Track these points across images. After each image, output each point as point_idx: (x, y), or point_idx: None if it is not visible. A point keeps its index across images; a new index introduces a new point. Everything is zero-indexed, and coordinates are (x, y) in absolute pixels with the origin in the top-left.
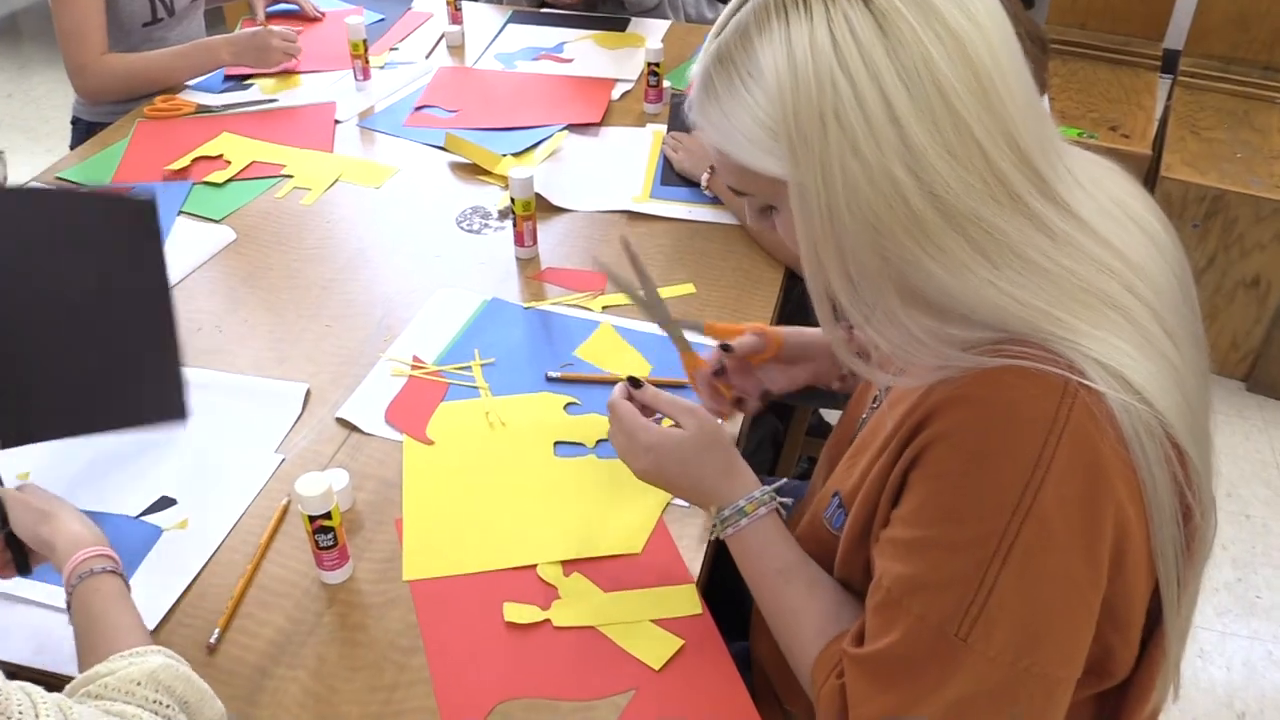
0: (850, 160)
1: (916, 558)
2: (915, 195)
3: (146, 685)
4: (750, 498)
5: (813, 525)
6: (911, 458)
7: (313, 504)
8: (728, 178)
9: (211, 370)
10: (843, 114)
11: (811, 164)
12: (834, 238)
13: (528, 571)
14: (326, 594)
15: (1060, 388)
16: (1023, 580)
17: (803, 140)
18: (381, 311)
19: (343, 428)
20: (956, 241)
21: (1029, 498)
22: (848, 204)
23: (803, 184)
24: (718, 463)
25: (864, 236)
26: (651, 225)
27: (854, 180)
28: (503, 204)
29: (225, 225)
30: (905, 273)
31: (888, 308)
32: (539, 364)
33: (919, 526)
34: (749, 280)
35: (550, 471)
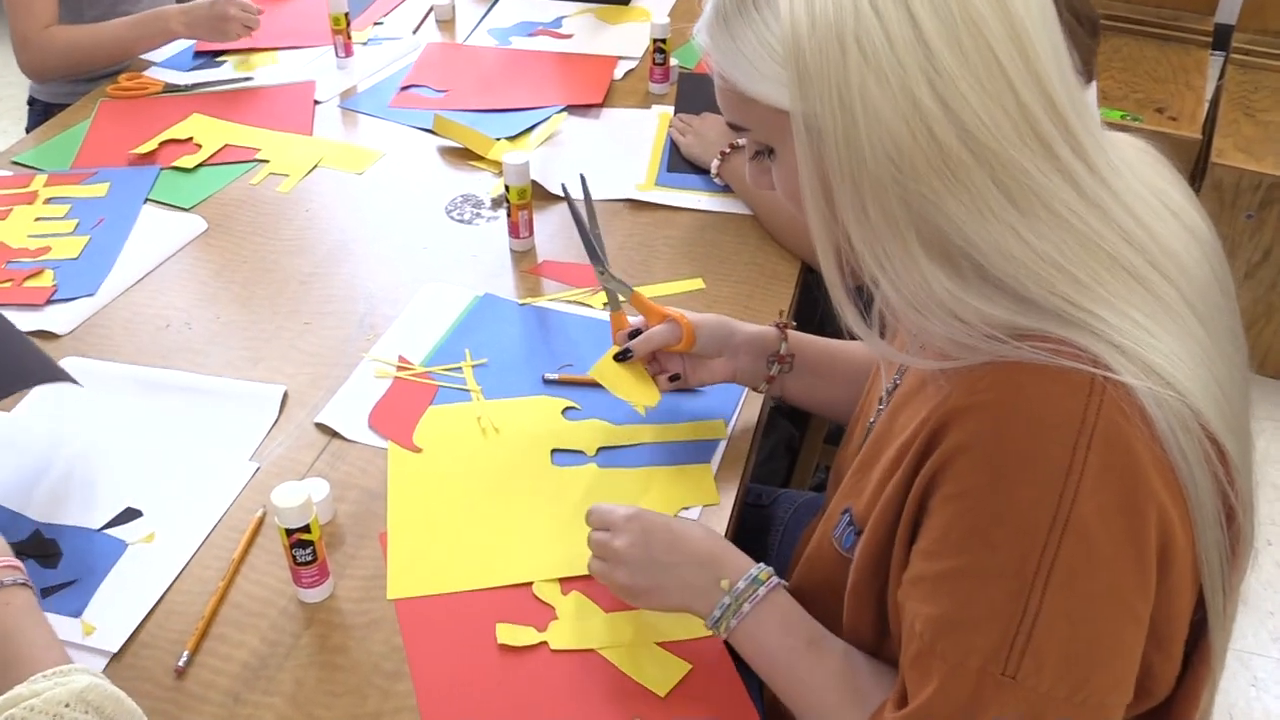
0: (871, 84)
1: (946, 593)
2: (941, 125)
3: (75, 707)
4: (749, 578)
5: (820, 546)
6: (929, 478)
7: (290, 516)
8: (728, 110)
9: (180, 371)
10: (864, 37)
11: (828, 92)
12: (851, 172)
13: (523, 590)
14: (305, 614)
15: (1086, 385)
16: (1069, 602)
17: (819, 66)
18: (364, 308)
19: (322, 434)
20: (983, 180)
21: (1065, 510)
22: (868, 134)
23: (816, 115)
24: (705, 548)
25: (884, 170)
26: (657, 215)
27: (875, 106)
28: (496, 192)
29: (195, 214)
30: (926, 213)
31: (907, 253)
32: (535, 365)
33: (944, 557)
34: (763, 275)
35: (547, 481)
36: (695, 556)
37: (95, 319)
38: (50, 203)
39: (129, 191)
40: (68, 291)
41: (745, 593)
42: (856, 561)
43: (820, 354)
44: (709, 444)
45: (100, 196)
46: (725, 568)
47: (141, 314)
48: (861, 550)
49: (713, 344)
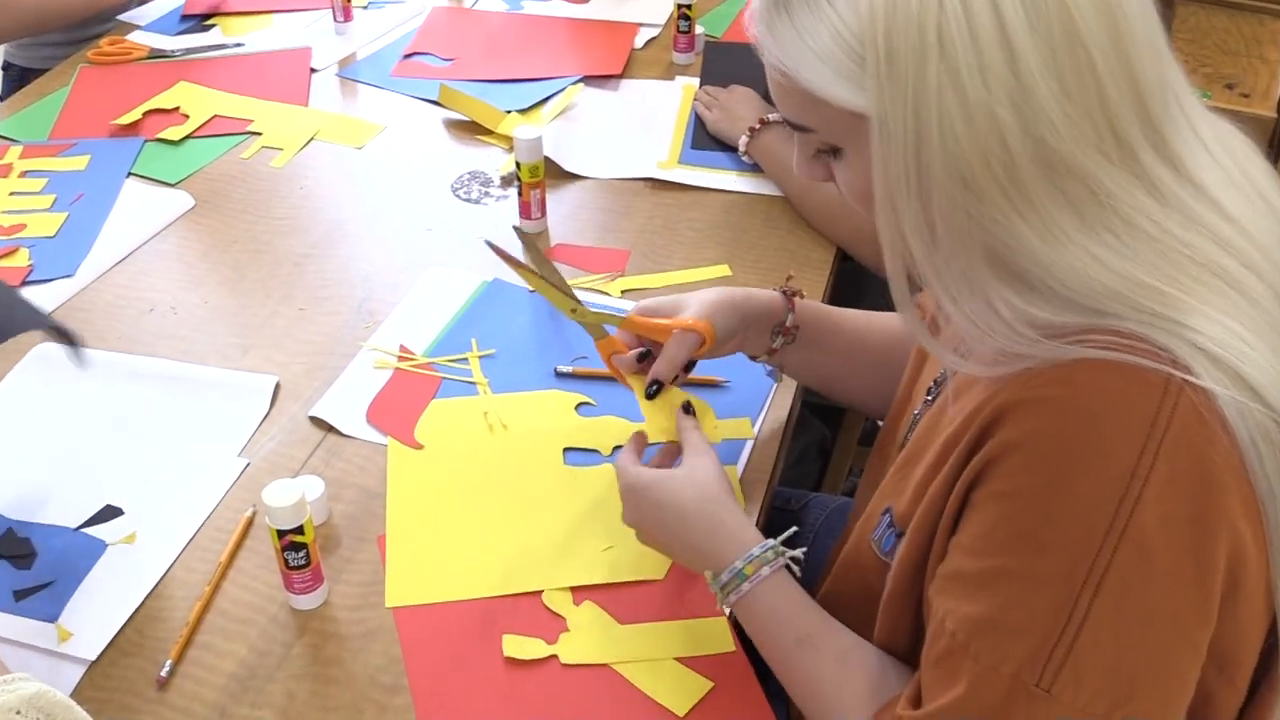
0: (948, 92)
1: (987, 593)
2: (1016, 139)
3: (27, 714)
4: (749, 556)
5: (858, 549)
6: (976, 471)
7: (282, 516)
8: (790, 110)
9: (165, 359)
10: (947, 35)
11: (901, 95)
12: (918, 185)
13: (531, 599)
14: (297, 621)
15: (1160, 385)
16: (1118, 616)
17: (895, 66)
18: (363, 293)
19: (317, 428)
20: (1053, 198)
21: (1124, 516)
22: (941, 146)
23: (887, 119)
24: (703, 509)
25: (951, 187)
26: (680, 196)
27: (949, 117)
28: (506, 169)
29: (181, 190)
30: (994, 233)
31: (970, 271)
32: (547, 357)
33: (989, 555)
34: (795, 262)
35: (559, 482)
36: (688, 543)
37: (74, 302)
38: (25, 176)
39: (110, 165)
40: (44, 272)
41: (729, 586)
42: (896, 567)
43: (826, 325)
44: (734, 444)
45: (79, 170)
46: (714, 557)
47: (123, 297)
48: (903, 555)
49: (727, 330)
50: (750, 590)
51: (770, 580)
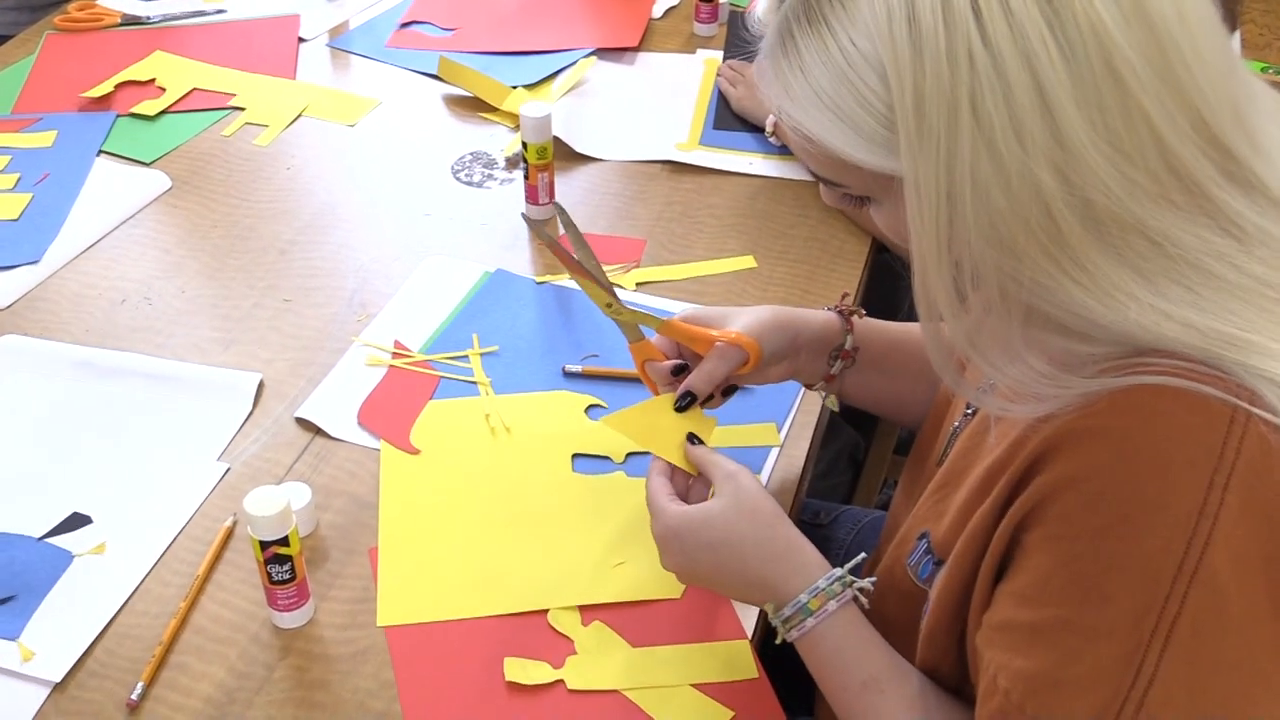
0: (983, 160)
1: (1043, 648)
2: (1061, 204)
3: None
4: (815, 589)
5: (893, 573)
6: (1025, 511)
7: (265, 526)
8: (813, 164)
9: (138, 354)
10: (979, 99)
11: (933, 162)
12: (949, 249)
13: (536, 619)
14: (280, 641)
15: (1227, 416)
16: (1191, 668)
17: (926, 133)
18: (355, 284)
19: (304, 430)
20: (1108, 259)
21: (1193, 559)
22: (973, 214)
23: (920, 184)
24: (760, 539)
25: (989, 253)
26: (700, 180)
27: (985, 186)
28: (511, 150)
29: (157, 170)
30: (1036, 295)
31: (1008, 336)
32: (554, 354)
33: (1044, 605)
34: (826, 253)
35: (567, 491)
36: (746, 579)
37: (39, 291)
38: None
39: (79, 142)
40: (6, 259)
41: (792, 621)
42: (937, 599)
43: (886, 345)
44: (758, 452)
45: (45, 147)
46: (775, 590)
47: (93, 286)
48: (944, 587)
49: (776, 353)
50: (815, 627)
51: (837, 616)
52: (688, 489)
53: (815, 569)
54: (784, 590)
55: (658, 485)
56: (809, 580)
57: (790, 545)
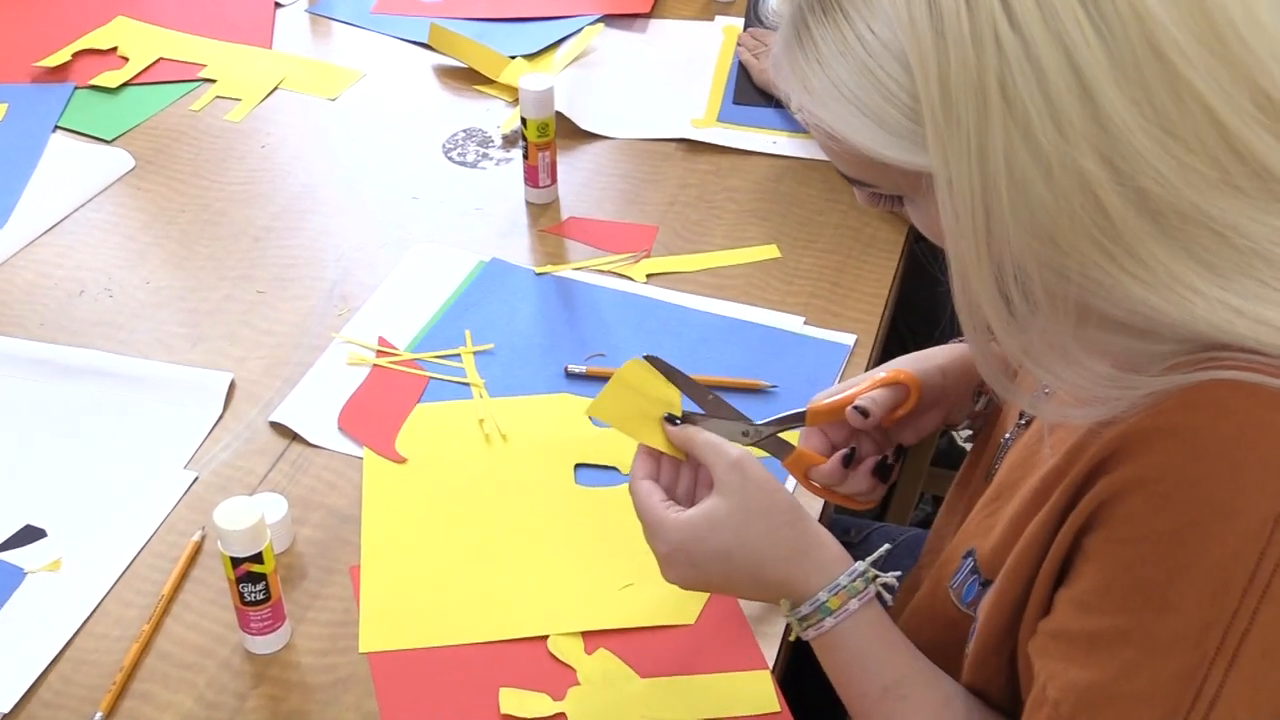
0: (1019, 149)
1: (1099, 658)
2: (1112, 194)
3: None
4: (835, 586)
5: (934, 598)
6: (1088, 513)
7: (237, 542)
8: (839, 163)
9: (97, 351)
10: (1010, 86)
11: (965, 154)
12: (989, 249)
13: (535, 645)
14: (253, 667)
15: None
16: (1259, 692)
17: (954, 123)
18: (336, 274)
19: (279, 436)
20: (1169, 252)
21: (1266, 570)
22: (1012, 208)
23: (952, 179)
24: (778, 539)
25: (1034, 250)
26: (718, 160)
27: (1023, 177)
28: (509, 126)
29: (119, 148)
30: (1091, 292)
31: (1058, 341)
32: (556, 353)
33: (1103, 613)
34: (859, 242)
35: (569, 505)
36: (761, 581)
37: None
38: None
39: (33, 116)
40: None
41: (809, 620)
42: (984, 623)
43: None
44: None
45: None
46: (793, 588)
47: (48, 276)
48: (992, 608)
49: (931, 392)
50: (834, 627)
51: (858, 615)
52: (677, 479)
53: (836, 564)
54: (802, 588)
55: (647, 492)
56: (829, 576)
57: (811, 541)
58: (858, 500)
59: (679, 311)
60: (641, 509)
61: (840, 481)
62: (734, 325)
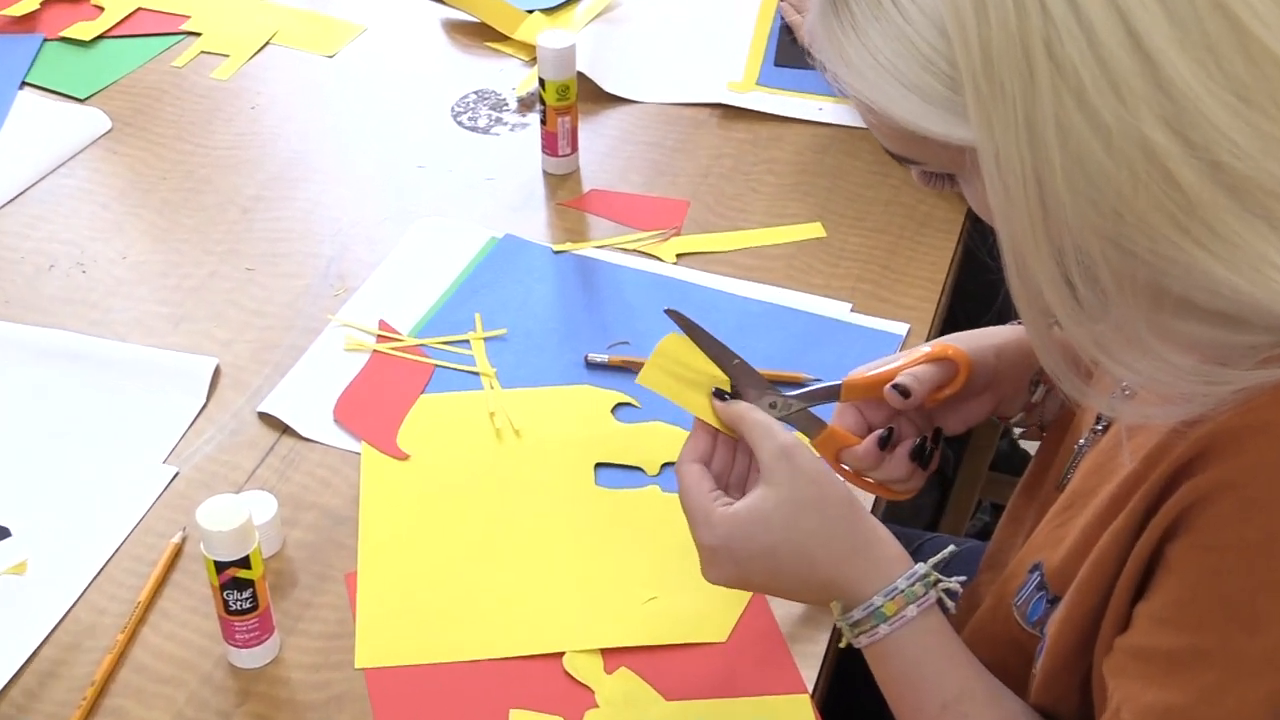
0: (1073, 116)
1: (1179, 679)
2: (1183, 166)
3: None
4: (892, 590)
5: (995, 616)
6: (1170, 520)
7: (221, 544)
8: (881, 137)
9: (68, 332)
10: (1058, 49)
11: (1009, 124)
12: (1045, 229)
13: (549, 663)
14: (238, 683)
15: None
16: None
17: (998, 90)
18: (332, 250)
19: (269, 428)
20: (1253, 230)
21: None
22: (1068, 180)
23: (999, 152)
24: (829, 535)
25: (1096, 226)
26: (757, 129)
27: (1080, 146)
28: (525, 88)
29: (94, 107)
30: (1163, 272)
31: (1132, 330)
32: (575, 340)
33: (1185, 630)
34: (912, 220)
35: (588, 508)
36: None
37: None
38: None
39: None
40: None
41: (862, 626)
42: (1054, 642)
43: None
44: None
45: None
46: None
47: (14, 249)
48: (1062, 626)
49: (982, 373)
50: (889, 634)
51: (916, 623)
52: (731, 463)
53: (894, 565)
54: (855, 590)
55: (695, 478)
56: (886, 579)
57: (867, 539)
58: (893, 489)
59: (711, 295)
60: (686, 496)
61: (875, 466)
62: (772, 312)
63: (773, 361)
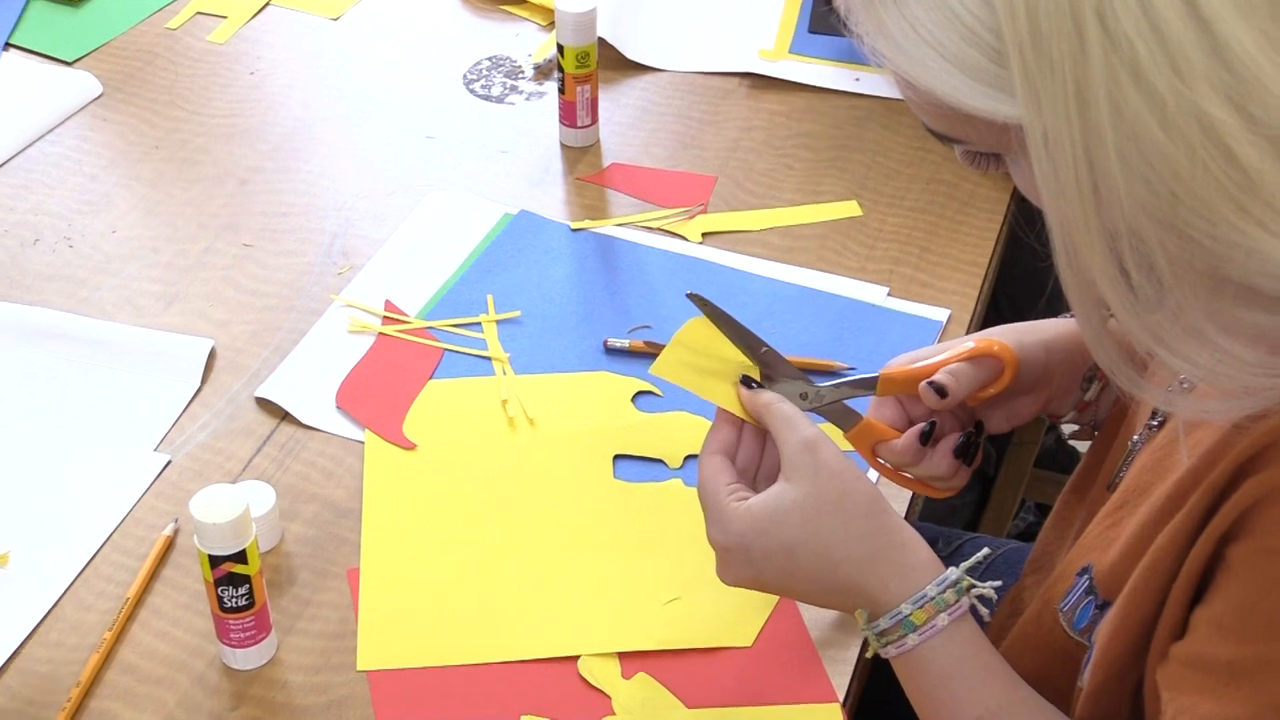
0: (1127, 90)
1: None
2: (1244, 144)
3: None
4: (921, 597)
5: (1040, 622)
6: (1231, 520)
7: (216, 537)
8: (924, 116)
9: (54, 311)
10: (1110, 17)
11: (1058, 99)
12: (1097, 212)
13: (562, 667)
14: (233, 685)
15: None
16: None
17: (1048, 64)
18: (336, 225)
19: (267, 415)
20: None
21: None
22: (1122, 160)
23: (1048, 131)
24: (852, 534)
25: (1151, 208)
26: (790, 100)
27: (1134, 122)
28: (542, 55)
29: (82, 70)
30: (1223, 258)
31: (1190, 320)
32: (594, 323)
33: (1247, 638)
34: (954, 200)
35: (606, 503)
36: (832, 585)
37: None
38: None
39: None
40: None
41: (889, 635)
42: (1103, 651)
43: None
44: (858, 460)
45: None
46: (871, 596)
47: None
48: (1113, 633)
49: (1031, 370)
50: (918, 645)
51: (948, 633)
52: (760, 456)
53: (923, 570)
54: (881, 597)
55: (714, 471)
56: (914, 585)
57: (892, 540)
58: (935, 486)
59: (739, 278)
60: (701, 490)
61: (915, 462)
62: (804, 295)
63: (803, 348)
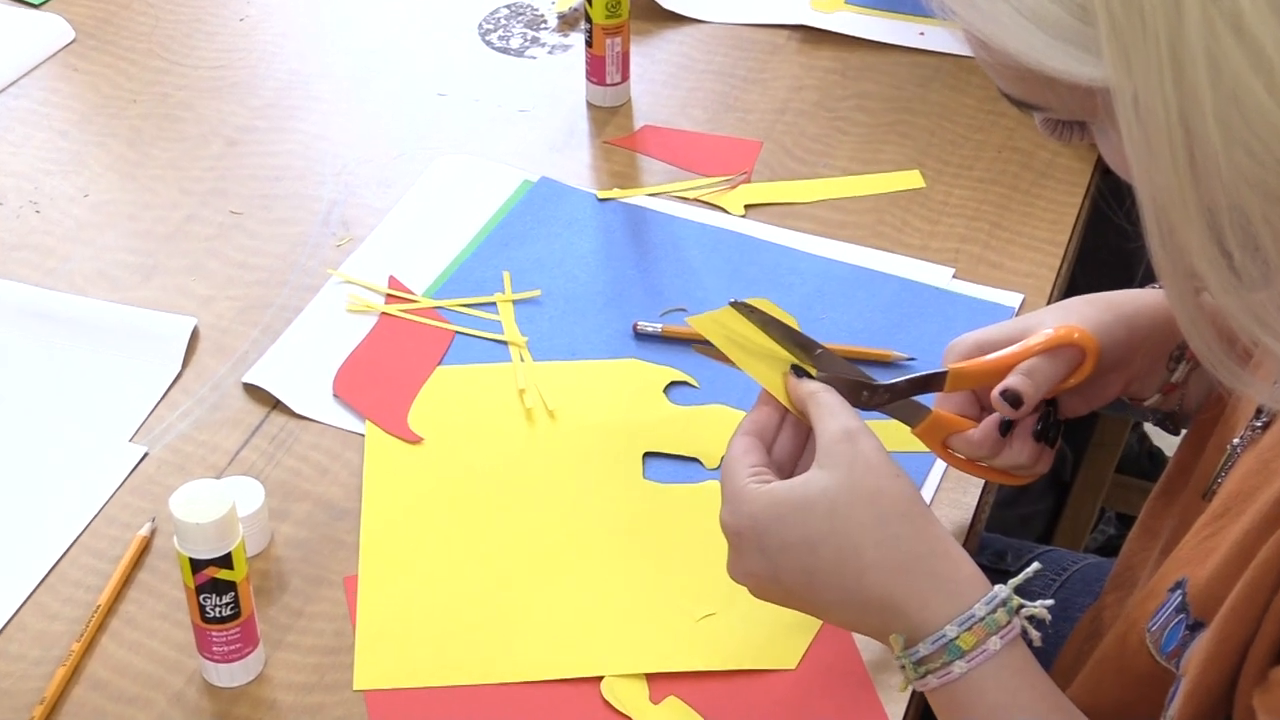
0: (1229, 49)
1: None
2: None
3: None
4: (969, 618)
5: (1125, 645)
6: None
7: (198, 538)
8: (999, 80)
9: (19, 284)
10: None
11: (1150, 61)
12: (1194, 185)
13: (584, 689)
14: (215, 704)
15: None
16: None
17: (1132, 18)
18: (335, 192)
19: (256, 402)
20: None
21: None
22: (1222, 127)
23: (1139, 95)
24: (885, 535)
25: (1257, 180)
26: (846, 56)
27: (1236, 85)
28: (567, 3)
29: (52, 12)
30: None
31: None
32: (622, 306)
33: None
34: (1029, 171)
35: (634, 506)
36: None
37: None
38: None
39: None
40: None
41: (930, 662)
42: (1197, 676)
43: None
44: (917, 460)
45: None
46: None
47: None
48: (1209, 656)
49: (1113, 352)
50: (965, 674)
51: (1000, 659)
52: (799, 449)
53: (968, 586)
54: (919, 615)
55: (745, 449)
56: (960, 604)
57: (933, 549)
58: (1018, 474)
59: (786, 255)
60: (724, 470)
61: (995, 453)
62: (860, 276)
63: (858, 335)
